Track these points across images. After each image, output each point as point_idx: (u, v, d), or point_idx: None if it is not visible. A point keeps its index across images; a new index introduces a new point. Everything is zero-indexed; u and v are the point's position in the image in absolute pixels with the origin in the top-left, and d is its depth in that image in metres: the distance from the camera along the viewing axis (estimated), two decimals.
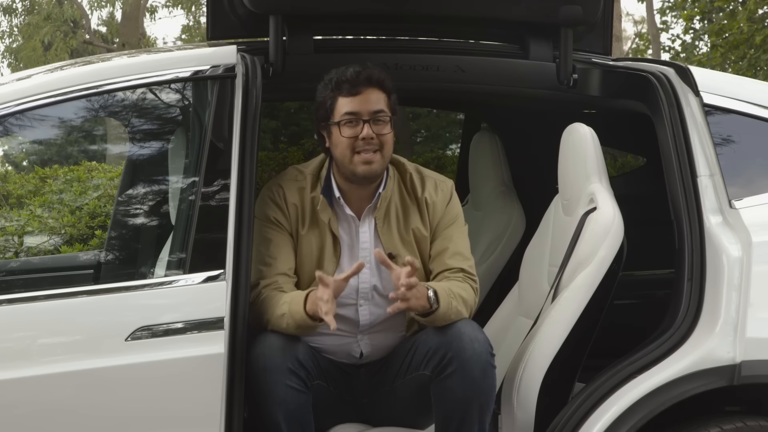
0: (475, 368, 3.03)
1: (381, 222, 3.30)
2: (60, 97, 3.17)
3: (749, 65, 14.57)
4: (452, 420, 3.08)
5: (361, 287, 3.28)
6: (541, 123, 4.34)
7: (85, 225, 6.33)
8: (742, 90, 3.58)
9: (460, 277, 3.25)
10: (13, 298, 3.05)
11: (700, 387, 3.15)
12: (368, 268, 3.28)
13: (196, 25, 24.50)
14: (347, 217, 3.31)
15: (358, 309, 3.29)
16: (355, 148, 3.20)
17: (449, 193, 3.38)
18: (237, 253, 3.06)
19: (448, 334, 3.08)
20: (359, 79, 3.19)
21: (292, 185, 3.33)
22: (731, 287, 3.19)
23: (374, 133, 3.19)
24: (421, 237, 3.31)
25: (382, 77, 3.23)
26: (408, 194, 3.35)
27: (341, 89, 3.21)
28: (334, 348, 3.31)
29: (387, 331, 3.32)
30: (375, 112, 3.20)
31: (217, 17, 3.59)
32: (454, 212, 3.37)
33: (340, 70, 3.23)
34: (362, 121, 3.19)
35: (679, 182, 3.32)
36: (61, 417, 2.95)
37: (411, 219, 3.32)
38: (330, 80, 3.24)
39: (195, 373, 3.00)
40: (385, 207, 3.31)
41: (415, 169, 3.40)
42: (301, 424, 3.11)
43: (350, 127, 3.20)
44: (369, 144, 3.19)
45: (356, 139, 3.19)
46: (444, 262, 3.28)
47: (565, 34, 3.58)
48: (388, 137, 3.22)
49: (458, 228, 3.35)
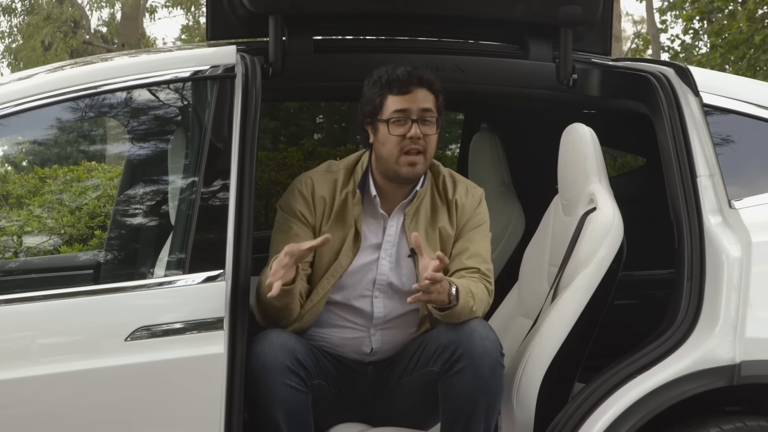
0: (484, 366, 3.03)
1: (410, 218, 3.32)
2: (60, 97, 3.17)
3: (749, 65, 14.58)
4: (459, 418, 3.08)
5: (378, 279, 3.29)
6: (540, 123, 4.34)
7: (84, 225, 6.33)
8: (742, 90, 3.59)
9: (477, 277, 3.26)
10: (12, 298, 3.04)
11: (699, 387, 3.15)
12: (388, 261, 3.30)
13: (195, 25, 24.50)
14: (377, 214, 3.32)
15: (373, 301, 3.30)
16: (402, 148, 3.22)
17: (479, 200, 3.42)
18: (237, 253, 3.06)
19: (459, 331, 3.09)
20: (410, 79, 3.23)
21: (323, 177, 3.35)
22: (731, 287, 3.19)
23: (421, 133, 3.21)
24: (446, 236, 3.33)
25: (431, 78, 3.26)
26: (439, 195, 3.38)
27: (392, 87, 3.23)
28: (345, 342, 3.32)
29: (398, 328, 3.33)
30: (424, 111, 3.23)
31: (216, 17, 3.59)
32: (481, 218, 3.40)
33: (390, 69, 3.26)
34: (411, 120, 3.22)
35: (679, 182, 3.32)
36: (60, 417, 2.95)
37: (439, 218, 3.35)
38: (380, 78, 3.26)
39: (195, 373, 3.00)
40: (417, 205, 3.33)
41: (449, 173, 3.44)
42: (301, 424, 3.12)
43: (399, 125, 3.23)
44: (415, 143, 3.22)
45: (404, 137, 3.22)
46: (462, 261, 3.30)
47: (564, 34, 3.59)
48: (432, 138, 3.25)
49: (482, 233, 3.38)
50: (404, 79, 3.23)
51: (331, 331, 3.31)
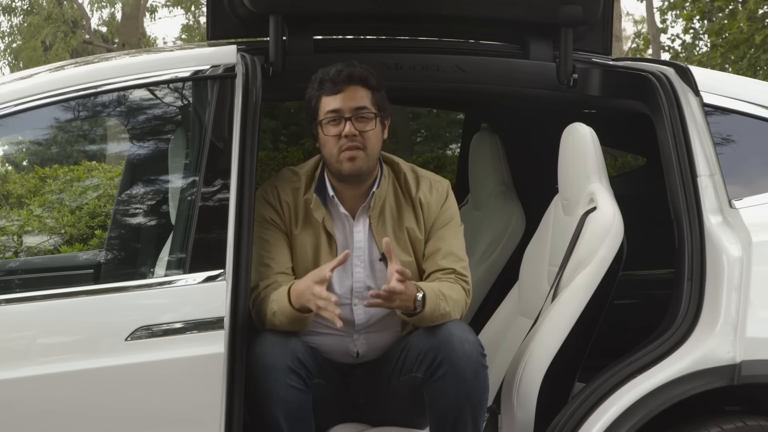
0: (466, 369, 3.03)
1: (375, 221, 3.29)
2: (60, 97, 3.17)
3: (749, 65, 14.56)
4: (446, 421, 3.08)
5: (355, 287, 3.28)
6: (541, 123, 4.34)
7: (85, 225, 6.33)
8: (742, 90, 3.58)
9: (452, 278, 3.25)
10: (13, 297, 3.05)
11: (700, 387, 3.15)
12: (362, 267, 3.28)
13: (196, 24, 24.50)
14: (341, 216, 3.31)
15: (353, 308, 3.29)
16: (340, 147, 3.20)
17: (445, 194, 3.37)
18: (237, 252, 3.06)
19: (438, 337, 3.08)
20: (340, 77, 3.20)
21: (286, 185, 3.34)
22: (731, 287, 3.19)
23: (357, 130, 3.19)
24: (415, 238, 3.31)
25: (365, 74, 3.23)
26: (402, 194, 3.35)
27: (324, 88, 3.22)
28: (331, 347, 3.31)
29: (383, 331, 3.32)
30: (357, 109, 3.20)
31: (217, 17, 3.59)
32: (449, 213, 3.36)
33: (325, 69, 3.25)
34: (344, 118, 3.20)
35: (679, 182, 3.32)
36: (60, 417, 2.95)
37: (405, 218, 3.32)
38: (315, 79, 3.25)
39: (195, 373, 3.00)
40: (380, 206, 3.30)
41: (411, 169, 3.39)
42: (302, 423, 3.11)
43: (333, 125, 3.21)
44: (352, 141, 3.19)
45: (339, 137, 3.20)
46: (436, 262, 3.28)
47: (565, 33, 3.58)
48: (371, 134, 3.22)
49: (453, 228, 3.35)
50: (335, 79, 3.20)
51: (318, 338, 3.29)
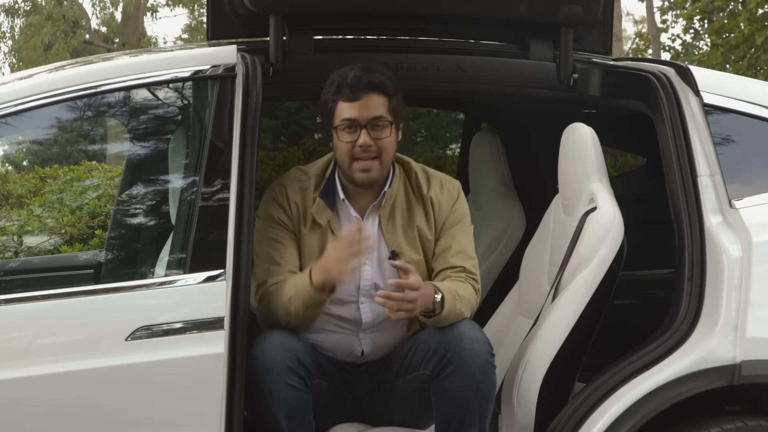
0: (474, 368, 3.03)
1: (386, 220, 3.29)
2: (60, 96, 3.17)
3: (749, 65, 14.58)
4: (452, 420, 3.08)
5: (362, 285, 3.28)
6: (541, 123, 4.34)
7: (85, 225, 6.33)
8: (743, 90, 3.58)
9: (462, 276, 3.25)
10: (13, 297, 3.05)
11: (700, 387, 3.15)
12: (370, 265, 3.28)
13: (196, 24, 24.50)
14: (351, 218, 3.30)
15: (359, 307, 3.29)
16: (353, 155, 3.20)
17: (456, 193, 3.37)
18: (237, 252, 3.06)
19: (448, 335, 3.08)
20: (359, 85, 3.17)
21: (294, 185, 3.33)
22: (731, 287, 3.19)
23: (372, 139, 3.18)
24: (425, 237, 3.31)
25: (383, 81, 3.20)
26: (413, 193, 3.34)
27: (341, 93, 3.19)
28: (335, 345, 3.31)
29: (389, 330, 3.31)
30: (373, 119, 3.19)
31: (217, 17, 3.59)
32: (460, 212, 3.36)
33: (343, 72, 3.21)
34: (360, 126, 3.18)
35: (679, 182, 3.32)
36: (60, 417, 2.95)
37: (415, 217, 3.32)
38: (333, 82, 3.23)
39: (195, 373, 3.00)
40: (390, 205, 3.30)
41: (422, 169, 3.39)
42: (302, 423, 3.11)
43: (348, 133, 3.19)
44: (367, 151, 3.19)
45: (354, 145, 3.19)
46: (447, 260, 3.28)
47: (565, 33, 3.58)
48: (386, 141, 3.21)
49: (463, 227, 3.35)
50: (353, 85, 3.17)
51: (322, 335, 3.29)
